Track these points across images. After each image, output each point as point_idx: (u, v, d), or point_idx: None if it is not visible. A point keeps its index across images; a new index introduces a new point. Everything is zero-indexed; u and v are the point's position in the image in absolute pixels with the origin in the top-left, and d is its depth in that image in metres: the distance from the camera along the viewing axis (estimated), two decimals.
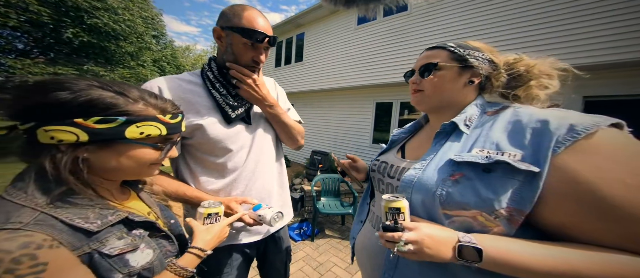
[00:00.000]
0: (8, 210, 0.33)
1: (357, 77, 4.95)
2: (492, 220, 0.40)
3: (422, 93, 0.57)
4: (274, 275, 0.99)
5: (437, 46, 0.57)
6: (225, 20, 0.69)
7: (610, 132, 0.37)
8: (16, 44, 6.50)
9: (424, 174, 0.48)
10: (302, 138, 0.93)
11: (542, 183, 0.36)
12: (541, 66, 0.51)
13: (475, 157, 0.42)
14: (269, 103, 0.79)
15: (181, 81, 0.73)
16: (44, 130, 0.36)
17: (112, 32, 6.53)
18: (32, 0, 5.38)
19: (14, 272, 0.30)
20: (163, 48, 10.69)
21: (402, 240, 0.40)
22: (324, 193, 2.89)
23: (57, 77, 0.39)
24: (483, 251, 0.37)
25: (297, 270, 1.88)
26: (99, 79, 0.42)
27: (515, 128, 0.43)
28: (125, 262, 0.41)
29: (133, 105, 0.41)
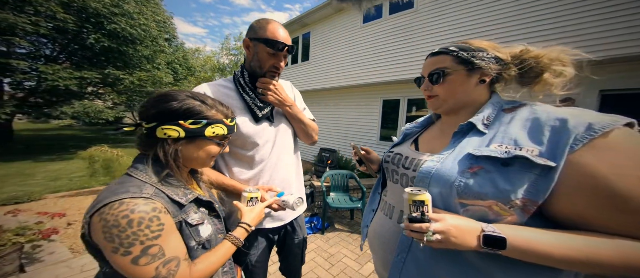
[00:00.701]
0: (139, 184, 0.48)
1: (364, 75, 4.98)
2: (507, 209, 0.42)
3: (437, 98, 0.59)
4: (291, 259, 1.09)
5: (440, 51, 0.58)
6: (253, 33, 0.81)
7: (624, 131, 0.39)
8: (44, 50, 6.90)
9: (442, 166, 0.50)
10: (316, 134, 1.03)
11: (557, 177, 0.39)
12: (550, 53, 0.51)
13: (495, 152, 0.44)
14: (288, 104, 0.90)
15: (219, 86, 0.87)
16: (161, 128, 0.50)
17: (129, 36, 6.80)
18: (58, 9, 5.68)
19: (149, 226, 0.44)
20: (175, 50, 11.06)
21: (430, 230, 0.42)
22: (333, 189, 2.98)
23: (168, 91, 0.54)
24: (507, 240, 0.40)
25: (310, 261, 1.97)
26: (190, 91, 0.56)
27: (534, 125, 0.46)
28: (198, 232, 0.53)
29: (210, 111, 0.55)
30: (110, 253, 0.42)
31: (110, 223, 0.41)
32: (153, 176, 0.50)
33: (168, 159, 0.51)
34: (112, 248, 0.42)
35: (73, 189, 3.72)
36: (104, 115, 7.16)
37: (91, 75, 6.34)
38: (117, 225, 0.41)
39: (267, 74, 0.85)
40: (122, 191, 0.44)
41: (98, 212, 0.42)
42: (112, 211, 0.42)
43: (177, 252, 0.47)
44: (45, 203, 3.03)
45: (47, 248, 1.79)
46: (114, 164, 3.35)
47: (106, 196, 0.44)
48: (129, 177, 0.49)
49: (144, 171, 0.50)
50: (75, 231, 2.22)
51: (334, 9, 5.49)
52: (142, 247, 0.43)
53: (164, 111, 0.51)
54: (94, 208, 0.43)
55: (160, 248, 0.45)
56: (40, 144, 8.27)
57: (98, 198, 0.44)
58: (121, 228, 0.42)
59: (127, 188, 0.45)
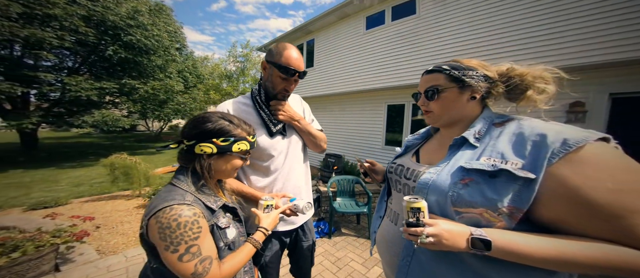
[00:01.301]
0: (181, 193, 0.57)
1: (368, 80, 5.05)
2: (496, 216, 0.47)
3: (433, 114, 0.64)
4: (302, 260, 1.17)
5: (434, 70, 0.63)
6: (270, 56, 0.92)
7: (597, 145, 0.43)
8: (67, 62, 7.39)
9: (438, 178, 0.55)
10: (325, 143, 1.14)
11: (537, 187, 0.44)
12: (534, 72, 0.56)
13: (483, 165, 0.50)
14: (296, 120, 1.01)
15: (240, 104, 0.99)
16: (199, 145, 0.61)
17: (144, 47, 7.15)
18: (80, 23, 6.12)
19: (192, 229, 0.53)
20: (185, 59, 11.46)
21: (423, 233, 0.47)
22: (339, 194, 3.05)
23: (205, 113, 0.65)
24: (492, 242, 0.44)
25: (317, 264, 2.05)
26: (220, 112, 0.68)
27: (518, 139, 0.50)
28: (225, 234, 0.64)
29: (236, 130, 0.65)
30: (163, 250, 0.51)
31: (164, 225, 0.51)
32: (192, 186, 0.60)
33: (203, 172, 0.61)
34: (164, 246, 0.51)
35: (94, 194, 3.97)
36: (120, 123, 7.53)
37: (110, 85, 6.71)
38: (169, 226, 0.51)
39: (278, 95, 0.96)
40: (170, 198, 0.54)
41: (154, 216, 0.52)
42: (165, 215, 0.51)
43: (210, 252, 0.56)
44: (72, 208, 3.26)
45: (78, 249, 1.96)
46: (132, 171, 3.56)
47: (159, 203, 0.53)
48: (173, 187, 0.59)
49: (185, 182, 0.60)
50: (101, 234, 2.40)
51: (337, 16, 5.63)
52: (186, 246, 0.52)
53: (201, 131, 0.61)
54: (150, 213, 0.53)
55: (199, 247, 0.53)
56: (62, 152, 8.78)
57: (153, 204, 0.54)
58: (172, 230, 0.51)
59: (173, 196, 0.55)
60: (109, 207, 3.27)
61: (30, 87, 6.35)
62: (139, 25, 7.07)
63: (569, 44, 2.74)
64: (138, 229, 2.58)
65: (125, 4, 7.02)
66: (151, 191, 3.38)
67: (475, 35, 3.51)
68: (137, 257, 2.02)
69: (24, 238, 1.58)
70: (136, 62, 7.25)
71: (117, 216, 2.93)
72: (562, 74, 0.56)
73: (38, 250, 1.58)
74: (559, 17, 2.82)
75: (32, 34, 5.34)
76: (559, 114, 2.93)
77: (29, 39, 5.46)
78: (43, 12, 5.51)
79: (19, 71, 5.81)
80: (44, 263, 1.64)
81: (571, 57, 2.73)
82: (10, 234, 1.64)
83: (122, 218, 2.87)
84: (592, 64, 2.65)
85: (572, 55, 2.72)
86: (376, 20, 4.98)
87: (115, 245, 2.22)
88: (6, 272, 1.47)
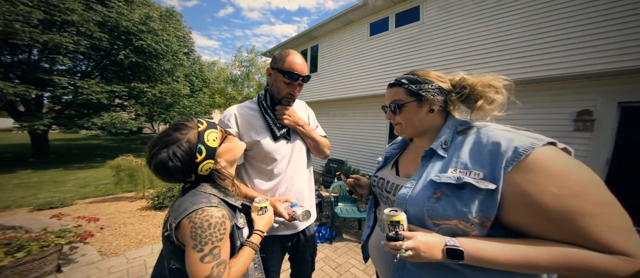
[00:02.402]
0: (207, 196, 0.60)
1: (371, 86, 5.07)
2: (469, 226, 0.49)
3: (400, 125, 0.67)
4: (303, 265, 1.16)
5: (395, 83, 0.65)
6: (274, 63, 0.95)
7: (544, 151, 0.45)
8: (81, 66, 7.65)
9: (413, 192, 0.56)
10: (328, 150, 1.14)
11: (499, 196, 0.46)
12: (483, 81, 0.57)
13: (450, 178, 0.51)
14: (301, 125, 1.03)
15: (246, 108, 1.01)
16: (198, 171, 0.63)
17: (154, 51, 7.37)
18: (95, 29, 6.37)
19: (219, 230, 0.56)
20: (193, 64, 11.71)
21: (403, 247, 0.49)
22: (341, 199, 3.02)
23: (162, 159, 0.60)
24: (464, 251, 0.47)
25: (318, 270, 2.02)
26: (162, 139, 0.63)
27: (477, 149, 0.53)
28: (242, 234, 0.67)
29: (191, 131, 0.65)
30: (191, 248, 0.53)
31: (197, 224, 0.54)
32: (213, 189, 0.63)
33: (226, 177, 0.66)
34: (193, 245, 0.53)
35: (99, 195, 4.03)
36: (128, 126, 7.70)
37: (119, 89, 6.90)
38: (201, 226, 0.54)
39: (283, 100, 0.98)
40: (198, 201, 0.57)
41: (187, 217, 0.54)
42: (198, 216, 0.55)
43: (226, 256, 0.58)
44: (77, 209, 3.31)
45: (80, 250, 1.98)
46: (137, 173, 3.61)
47: (189, 206, 0.56)
48: (197, 191, 0.61)
49: (205, 186, 0.64)
50: (104, 235, 2.43)
51: (341, 22, 5.71)
52: (211, 246, 0.54)
53: (185, 164, 0.60)
54: (182, 214, 0.55)
55: (220, 250, 0.55)
56: (71, 153, 8.99)
57: (181, 208, 0.56)
58: (203, 229, 0.54)
59: (200, 199, 0.58)
60: (112, 208, 3.31)
61: (45, 90, 6.57)
62: (150, 30, 7.29)
63: (577, 51, 2.70)
64: (140, 231, 2.62)
65: (138, 10, 7.28)
66: (155, 193, 3.41)
67: (480, 42, 3.50)
68: (138, 259, 2.03)
69: (29, 238, 1.60)
70: (146, 66, 7.45)
71: (120, 217, 2.96)
72: (509, 82, 0.57)
73: (42, 250, 1.60)
74: (566, 24, 2.79)
75: (50, 39, 5.58)
76: (566, 123, 2.87)
77: (47, 44, 5.69)
78: (62, 18, 5.76)
79: (35, 74, 6.05)
80: (46, 263, 1.66)
81: (578, 64, 2.69)
82: (16, 233, 1.67)
83: (125, 219, 2.89)
84: (600, 72, 2.60)
85: (579, 62, 2.68)
86: (380, 27, 5.03)
87: (118, 247, 2.23)
88: (9, 272, 1.49)
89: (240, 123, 0.97)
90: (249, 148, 0.96)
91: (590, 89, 2.78)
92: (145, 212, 3.14)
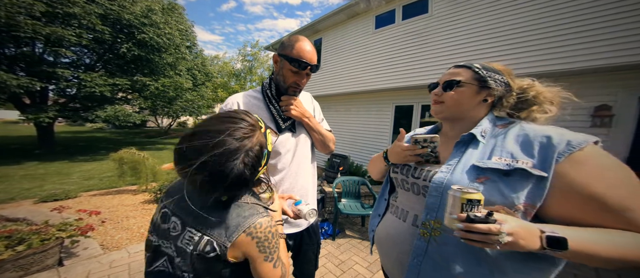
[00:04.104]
0: (254, 207, 0.57)
1: (376, 80, 4.96)
2: (512, 213, 0.48)
3: (443, 104, 0.65)
4: (306, 264, 1.13)
5: (465, 65, 0.64)
6: (282, 49, 0.87)
7: (593, 147, 0.48)
8: (85, 59, 7.65)
9: (452, 177, 0.56)
10: (333, 144, 1.08)
11: (548, 184, 0.47)
12: (548, 93, 0.59)
13: (498, 164, 0.52)
14: (307, 117, 0.96)
15: (250, 98, 0.95)
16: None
17: (156, 45, 7.36)
18: (97, 21, 6.34)
19: (275, 236, 0.56)
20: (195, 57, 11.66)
21: (503, 232, 0.40)
22: (344, 195, 2.98)
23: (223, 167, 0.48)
24: (567, 240, 0.41)
25: (321, 266, 1.99)
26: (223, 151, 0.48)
27: (524, 140, 0.54)
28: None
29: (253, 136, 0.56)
30: (262, 261, 0.53)
31: (262, 238, 0.53)
32: (252, 198, 0.59)
33: (263, 181, 0.63)
34: (263, 258, 0.54)
35: (103, 188, 4.06)
36: (131, 119, 7.73)
37: (122, 82, 6.89)
38: (267, 238, 0.54)
39: (289, 90, 0.91)
40: (249, 214, 0.54)
41: (246, 233, 0.52)
42: (260, 229, 0.53)
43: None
44: (80, 201, 3.33)
45: (82, 244, 1.98)
46: (140, 166, 3.61)
47: (243, 221, 0.53)
48: (243, 203, 0.56)
49: (244, 198, 0.58)
50: (106, 229, 2.43)
51: (346, 15, 5.55)
52: (277, 252, 0.57)
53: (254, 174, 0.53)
54: (238, 232, 0.51)
55: (278, 251, 0.58)
56: (76, 146, 9.09)
57: (235, 223, 0.52)
58: (268, 241, 0.54)
59: (252, 212, 0.55)
60: (115, 202, 3.32)
61: (49, 82, 6.60)
62: (152, 23, 7.24)
63: (596, 44, 2.55)
64: (142, 224, 2.61)
65: (140, 3, 7.20)
66: (157, 186, 3.41)
67: (492, 35, 3.35)
68: (140, 253, 2.02)
69: (30, 231, 1.59)
70: (148, 59, 7.42)
71: (123, 211, 2.96)
72: (573, 98, 0.59)
73: (43, 244, 1.59)
74: (584, 15, 2.64)
75: (53, 32, 5.56)
76: (584, 119, 2.74)
77: (50, 37, 5.67)
78: (64, 11, 5.72)
79: (39, 67, 6.06)
80: (48, 257, 1.65)
81: (598, 57, 2.54)
82: (17, 226, 1.65)
83: (128, 213, 2.90)
84: (620, 65, 2.46)
85: (599, 55, 2.54)
86: (386, 20, 4.88)
87: (120, 240, 2.23)
88: (10, 265, 1.48)
89: None
90: None
91: (610, 83, 2.65)
92: (148, 206, 3.14)
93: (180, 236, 0.53)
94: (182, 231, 0.54)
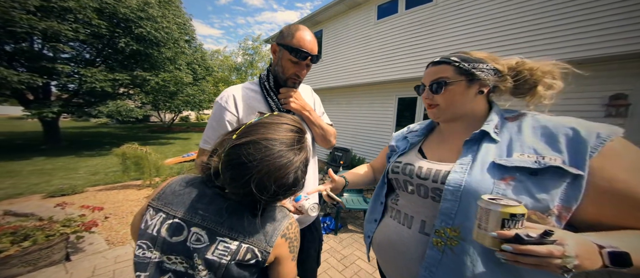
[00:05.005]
0: (282, 208, 0.60)
1: (378, 72, 4.85)
2: (545, 218, 0.43)
3: (438, 107, 0.61)
4: (308, 261, 1.11)
5: (442, 61, 0.59)
6: (281, 38, 0.83)
7: (621, 139, 0.44)
8: (84, 55, 7.62)
9: (471, 178, 0.49)
10: (334, 139, 1.05)
11: (584, 183, 0.42)
12: (543, 67, 0.54)
13: (524, 161, 0.46)
14: (307, 110, 0.92)
15: (247, 90, 0.90)
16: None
17: (154, 39, 7.30)
18: (93, 15, 6.27)
19: (298, 235, 0.59)
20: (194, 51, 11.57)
21: (570, 255, 0.33)
22: (346, 189, 2.96)
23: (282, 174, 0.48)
24: (630, 255, 0.35)
25: (323, 262, 2.00)
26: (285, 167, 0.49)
27: (546, 133, 0.49)
28: None
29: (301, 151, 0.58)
30: (289, 261, 0.55)
31: (293, 238, 0.56)
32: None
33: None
34: (291, 257, 0.55)
35: (109, 183, 4.11)
36: (134, 114, 7.76)
37: (122, 77, 6.89)
38: (296, 238, 0.58)
39: (288, 81, 0.87)
40: (282, 217, 0.57)
41: (281, 235, 0.54)
42: (292, 230, 0.56)
43: None
44: (87, 196, 3.38)
45: (87, 239, 2.01)
46: (143, 161, 3.63)
47: (278, 225, 0.54)
48: (270, 206, 0.58)
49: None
50: (111, 224, 2.46)
51: (347, 5, 5.37)
52: (296, 251, 0.58)
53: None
54: (276, 235, 0.53)
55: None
56: (81, 141, 9.21)
57: (272, 227, 0.54)
58: (297, 240, 0.58)
59: (283, 215, 0.58)
60: (121, 197, 3.37)
61: (51, 78, 6.61)
62: (149, 17, 7.14)
63: (611, 30, 2.42)
64: None
65: None
66: (161, 181, 3.44)
67: (500, 24, 3.21)
68: None
69: (34, 227, 1.61)
70: (147, 54, 7.38)
71: (127, 206, 3.00)
72: (571, 68, 0.54)
73: (48, 240, 1.61)
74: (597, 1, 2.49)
75: (49, 27, 5.50)
76: (597, 108, 2.64)
77: (46, 32, 5.62)
78: (59, 5, 5.64)
79: (39, 62, 6.05)
80: (54, 252, 1.68)
81: (613, 45, 2.42)
82: (21, 222, 1.68)
83: (132, 208, 2.93)
84: (636, 53, 2.34)
85: (614, 42, 2.41)
86: (388, 10, 4.71)
87: (125, 235, 2.26)
88: (18, 261, 1.51)
89: (240, 106, 0.86)
90: None
91: (627, 71, 2.53)
92: None
93: (211, 247, 0.48)
94: (211, 242, 0.49)
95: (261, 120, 0.53)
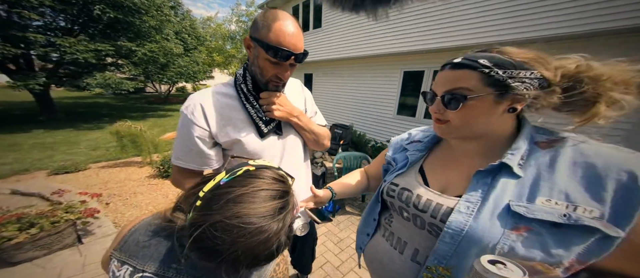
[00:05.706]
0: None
1: (383, 44, 4.45)
2: (552, 269, 0.38)
3: (448, 124, 0.48)
4: (303, 259, 1.17)
5: (465, 63, 0.43)
6: (255, 30, 0.65)
7: None
8: (59, 23, 6.93)
9: (477, 223, 0.42)
10: (328, 141, 0.96)
11: (619, 241, 0.35)
12: (617, 75, 0.37)
13: (550, 213, 0.37)
14: (295, 115, 0.80)
15: (219, 96, 0.74)
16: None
17: (133, 5, 6.53)
18: None
19: (286, 272, 0.55)
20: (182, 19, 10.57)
21: None
22: (345, 171, 2.98)
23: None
24: None
25: (320, 245, 2.10)
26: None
27: (588, 174, 0.38)
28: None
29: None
30: None
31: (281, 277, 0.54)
32: None
33: None
34: None
35: (110, 159, 4.16)
36: (124, 86, 7.45)
37: (105, 47, 6.37)
38: (285, 275, 0.55)
39: (269, 84, 0.72)
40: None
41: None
42: (279, 270, 0.53)
43: None
44: (90, 174, 3.45)
45: (95, 222, 2.09)
46: (139, 139, 3.59)
47: (265, 273, 0.50)
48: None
49: None
50: (116, 206, 2.55)
51: None
52: None
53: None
54: None
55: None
56: (78, 112, 9.06)
57: (257, 275, 0.48)
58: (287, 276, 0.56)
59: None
60: (123, 175, 3.43)
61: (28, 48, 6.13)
62: None
63: None
64: (150, 201, 2.71)
65: None
66: (160, 160, 3.45)
67: None
68: None
69: (37, 215, 1.65)
70: (127, 22, 6.67)
71: (130, 186, 3.07)
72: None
73: (54, 226, 1.67)
74: None
75: None
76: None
77: None
78: None
79: (8, 31, 5.52)
80: (64, 237, 1.76)
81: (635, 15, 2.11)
82: (23, 209, 1.72)
83: (135, 188, 3.00)
84: None
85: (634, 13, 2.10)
86: None
87: (130, 217, 2.36)
88: (31, 246, 1.59)
89: (212, 117, 0.70)
90: (228, 147, 0.75)
91: None
92: (154, 181, 3.24)
93: None
94: None
95: (231, 185, 0.40)
